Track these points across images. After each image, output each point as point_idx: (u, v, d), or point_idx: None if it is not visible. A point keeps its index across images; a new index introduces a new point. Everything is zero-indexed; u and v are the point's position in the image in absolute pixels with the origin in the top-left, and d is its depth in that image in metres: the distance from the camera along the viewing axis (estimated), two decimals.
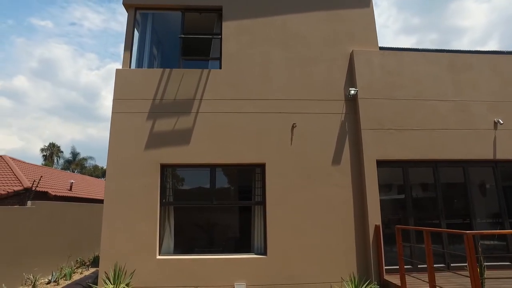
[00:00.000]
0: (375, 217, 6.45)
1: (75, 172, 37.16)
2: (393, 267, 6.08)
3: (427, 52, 7.71)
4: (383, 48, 7.69)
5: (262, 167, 6.84)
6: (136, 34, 7.61)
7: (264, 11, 7.57)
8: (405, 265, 5.64)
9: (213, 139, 6.79)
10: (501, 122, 7.05)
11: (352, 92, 6.97)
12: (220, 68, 7.21)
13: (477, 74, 7.39)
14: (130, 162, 6.57)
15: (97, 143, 73.72)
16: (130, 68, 7.21)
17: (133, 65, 7.32)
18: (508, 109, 7.21)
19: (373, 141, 6.81)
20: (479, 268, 4.64)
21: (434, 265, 4.85)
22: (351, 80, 7.24)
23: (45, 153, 43.81)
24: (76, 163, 43.73)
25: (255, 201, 6.87)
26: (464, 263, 4.47)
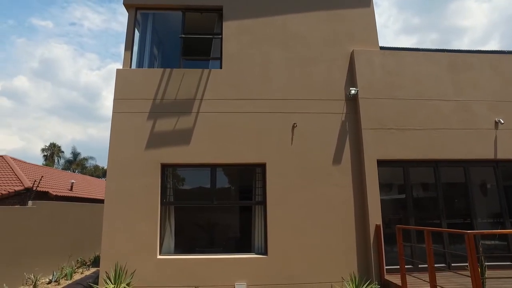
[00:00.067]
0: (376, 217, 6.44)
1: (76, 172, 37.17)
2: (394, 267, 6.08)
3: (428, 52, 7.70)
4: (384, 48, 7.68)
5: (263, 167, 6.84)
6: (137, 34, 7.63)
7: (265, 11, 7.57)
8: (406, 265, 5.64)
9: (214, 139, 6.79)
10: (502, 122, 7.04)
11: (353, 92, 6.97)
12: (221, 68, 7.21)
13: (478, 74, 7.39)
14: (131, 162, 6.58)
15: (98, 143, 73.83)
16: (131, 68, 7.22)
17: (134, 65, 7.33)
18: (509, 109, 7.20)
19: (374, 141, 6.80)
20: (480, 268, 4.64)
21: (435, 265, 4.85)
22: (352, 80, 7.23)
23: (46, 153, 43.84)
24: (77, 163, 43.76)
25: (256, 201, 6.87)
26: (465, 263, 4.46)
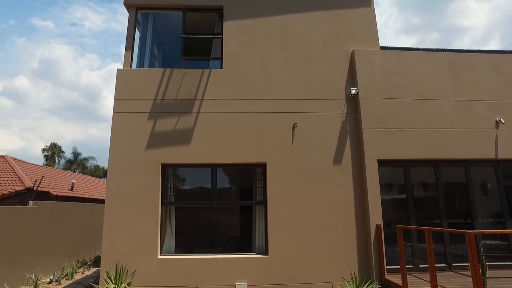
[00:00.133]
0: (376, 217, 6.44)
1: (77, 172, 37.20)
2: (395, 267, 6.07)
3: (429, 52, 7.70)
4: (384, 48, 7.68)
5: (263, 167, 6.84)
6: (137, 34, 7.63)
7: (265, 11, 7.57)
8: (407, 265, 5.64)
9: (214, 139, 6.79)
10: (503, 122, 7.03)
11: (353, 92, 6.96)
12: (221, 68, 7.21)
13: (479, 74, 7.38)
14: (131, 162, 6.58)
15: (98, 143, 73.84)
16: (131, 68, 7.22)
17: (134, 65, 7.34)
18: (510, 109, 7.18)
19: (374, 141, 6.80)
20: (481, 268, 4.63)
21: (436, 265, 4.84)
22: (352, 80, 7.23)
23: (47, 153, 43.90)
24: (78, 163, 43.82)
25: (256, 201, 6.87)
26: (466, 263, 4.46)
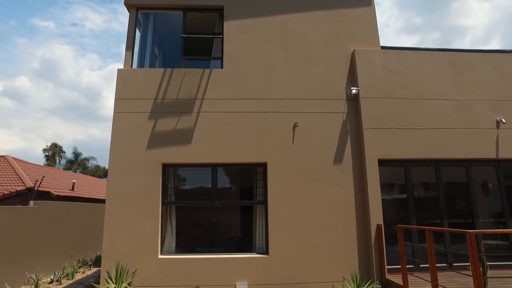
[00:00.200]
0: (377, 217, 6.43)
1: (77, 172, 37.24)
2: (395, 267, 6.06)
3: (429, 51, 7.68)
4: (385, 48, 7.67)
5: (264, 167, 6.84)
6: (138, 34, 7.63)
7: (265, 11, 7.57)
8: (407, 265, 5.63)
9: (215, 139, 6.79)
10: (504, 121, 7.02)
11: (354, 91, 6.96)
12: (222, 68, 7.21)
13: (480, 73, 7.37)
14: (132, 162, 6.58)
15: (99, 144, 73.94)
16: (132, 68, 7.22)
17: (135, 65, 7.34)
18: (511, 108, 7.17)
19: (375, 140, 6.79)
20: (482, 268, 4.63)
21: (436, 265, 4.83)
22: (353, 79, 7.22)
23: (47, 153, 43.93)
24: (78, 163, 43.86)
25: (257, 201, 6.86)
26: (467, 263, 4.45)
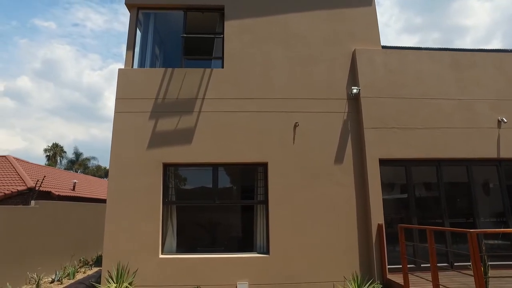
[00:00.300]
0: (378, 216, 6.43)
1: (78, 172, 37.29)
2: (396, 266, 6.04)
3: (430, 51, 7.67)
4: (386, 47, 7.66)
5: (265, 166, 6.83)
6: (139, 34, 7.64)
7: (266, 11, 7.56)
8: (408, 264, 5.61)
9: (215, 138, 6.79)
10: (505, 121, 7.01)
11: (355, 91, 6.94)
12: (222, 68, 7.21)
13: (481, 72, 7.35)
14: (133, 162, 6.59)
15: (100, 144, 74.03)
16: (133, 68, 7.23)
17: (136, 65, 7.34)
18: None
19: (376, 140, 6.78)
20: (483, 267, 4.61)
21: (438, 264, 4.83)
22: (354, 79, 7.21)
23: (48, 154, 43.97)
24: (79, 163, 43.92)
25: (258, 200, 6.86)
26: (468, 262, 4.44)
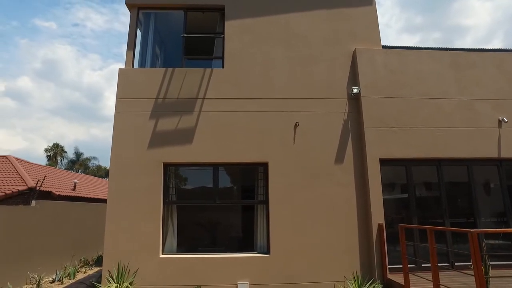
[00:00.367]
0: (378, 216, 6.42)
1: (79, 172, 37.32)
2: (397, 266, 6.04)
3: (430, 50, 7.67)
4: (386, 47, 7.65)
5: (265, 166, 6.83)
6: (139, 34, 7.64)
7: (266, 10, 7.56)
8: (409, 264, 5.61)
9: (216, 138, 6.79)
10: (506, 120, 7.00)
11: (355, 91, 6.94)
12: (223, 67, 7.21)
13: (481, 72, 7.34)
14: (133, 161, 6.59)
15: (101, 144, 74.00)
16: (133, 68, 7.23)
17: (136, 65, 7.35)
18: None
19: (376, 140, 6.78)
20: (484, 267, 4.61)
21: (438, 264, 4.82)
22: (354, 79, 7.21)
23: (49, 154, 44.02)
24: (80, 163, 43.96)
25: (258, 200, 6.86)
26: (469, 262, 4.43)
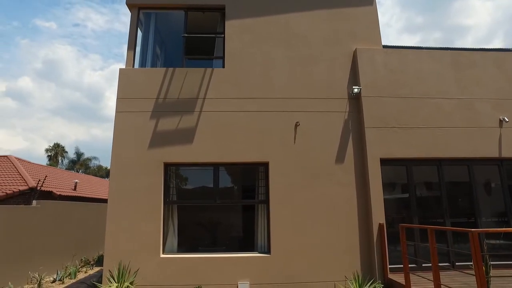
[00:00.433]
0: (379, 216, 6.42)
1: (80, 172, 37.37)
2: (397, 266, 6.04)
3: (431, 50, 7.66)
4: (387, 47, 7.65)
5: (266, 166, 6.83)
6: (140, 34, 7.64)
7: (267, 10, 7.56)
8: (410, 264, 5.61)
9: (216, 138, 6.79)
10: (507, 120, 6.99)
11: (356, 91, 6.94)
12: (223, 67, 7.21)
13: (482, 72, 7.33)
14: (134, 161, 6.60)
15: (101, 144, 74.06)
16: (134, 68, 7.24)
17: (137, 65, 7.35)
18: None
19: (377, 140, 6.78)
20: (485, 267, 4.61)
21: (439, 264, 4.82)
22: (355, 79, 7.21)
23: (50, 154, 44.11)
24: (81, 163, 44.03)
25: (259, 200, 6.86)
26: (469, 262, 4.43)
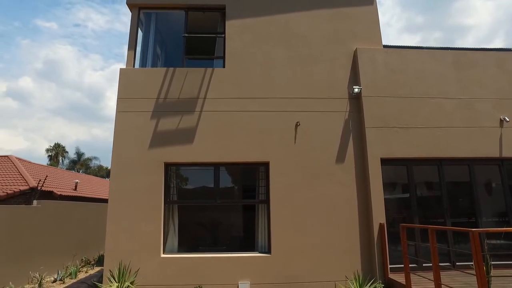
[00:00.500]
0: (380, 216, 6.42)
1: (80, 172, 37.40)
2: (398, 266, 6.03)
3: (431, 50, 7.66)
4: (387, 47, 7.64)
5: (266, 166, 6.83)
6: (140, 34, 7.64)
7: (267, 10, 7.56)
8: (410, 264, 5.60)
9: (217, 138, 6.80)
10: (507, 120, 6.98)
11: (356, 90, 6.94)
12: (224, 67, 7.21)
13: (482, 71, 7.32)
14: (134, 161, 6.60)
15: (102, 144, 74.25)
16: (134, 67, 7.24)
17: (137, 64, 7.36)
18: None
19: (377, 139, 6.77)
20: (485, 267, 4.60)
21: (440, 264, 4.81)
22: (355, 78, 7.20)
23: (51, 154, 44.20)
24: (81, 163, 44.09)
25: (259, 200, 6.86)
26: (470, 262, 4.43)
